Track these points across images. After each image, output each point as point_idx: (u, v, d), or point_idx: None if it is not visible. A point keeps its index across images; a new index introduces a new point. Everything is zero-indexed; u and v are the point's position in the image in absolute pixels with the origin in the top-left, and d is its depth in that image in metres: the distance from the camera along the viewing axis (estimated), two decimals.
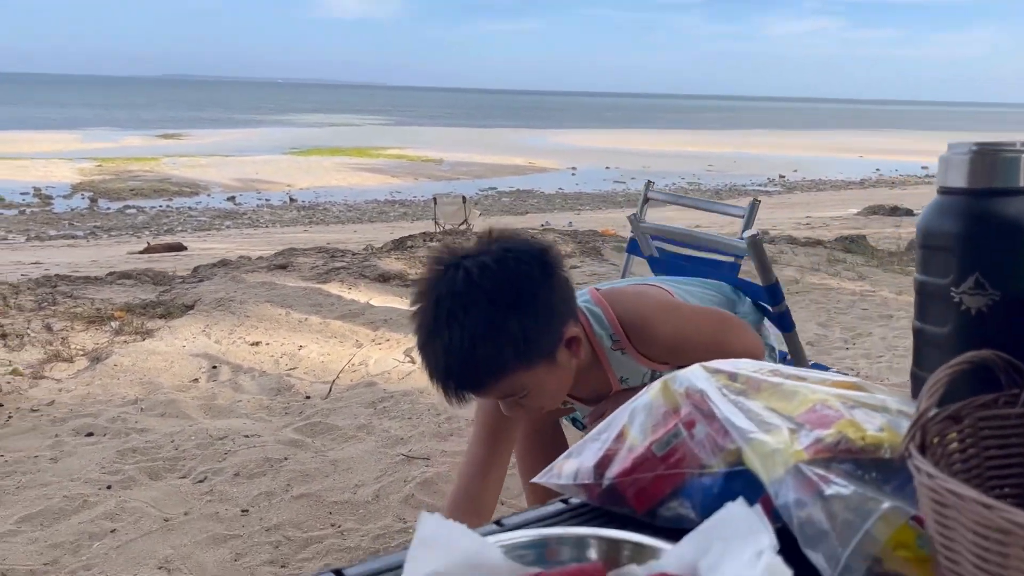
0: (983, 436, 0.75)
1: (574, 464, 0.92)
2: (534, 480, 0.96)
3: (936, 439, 0.72)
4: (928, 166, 26.24)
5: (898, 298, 5.18)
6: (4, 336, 4.00)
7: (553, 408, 1.60)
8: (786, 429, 0.78)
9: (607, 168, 26.12)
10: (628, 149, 32.80)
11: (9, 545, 2.29)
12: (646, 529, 0.84)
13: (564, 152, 31.22)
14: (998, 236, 0.87)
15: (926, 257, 0.92)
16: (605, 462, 0.89)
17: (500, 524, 0.88)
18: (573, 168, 26.18)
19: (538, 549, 0.70)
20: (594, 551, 0.71)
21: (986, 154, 0.88)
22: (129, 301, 4.74)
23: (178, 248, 10.16)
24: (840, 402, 0.83)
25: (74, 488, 2.60)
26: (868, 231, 8.66)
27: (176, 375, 3.66)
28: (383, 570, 0.81)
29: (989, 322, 0.87)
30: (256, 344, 4.08)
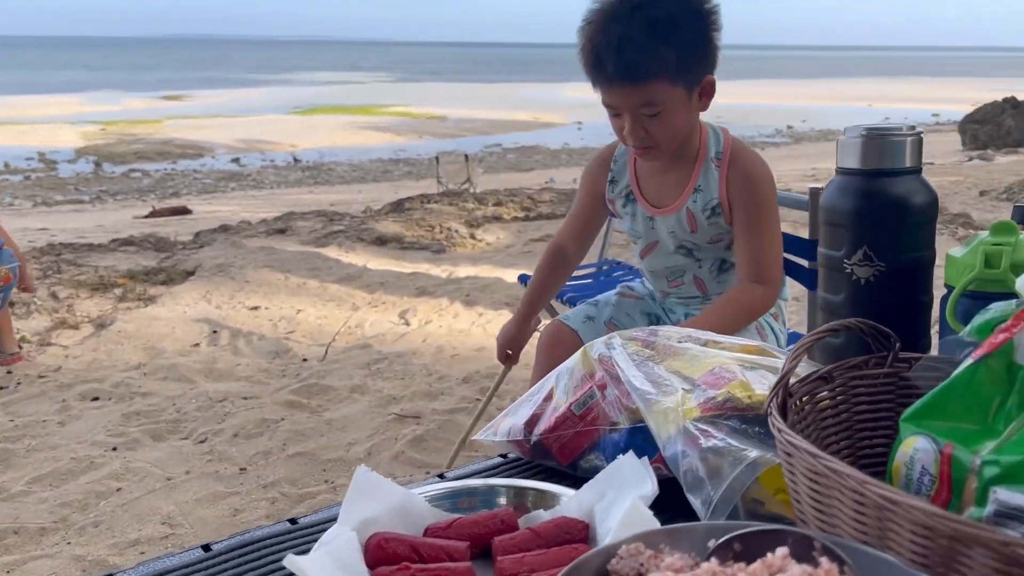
0: (854, 394, 0.85)
1: (509, 422, 1.03)
2: (474, 438, 1.07)
3: (806, 397, 0.81)
4: (939, 113, 25.95)
5: None
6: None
7: (663, 155, 1.66)
8: (682, 390, 0.88)
9: None
10: None
11: (21, 504, 2.43)
12: (568, 479, 0.94)
13: (570, 106, 30.99)
14: (884, 213, 0.96)
15: (825, 232, 1.01)
16: (534, 421, 0.99)
17: (442, 476, 0.99)
18: (579, 123, 26.01)
19: (453, 499, 0.81)
20: (504, 499, 0.82)
21: (875, 138, 0.96)
22: (132, 268, 4.86)
23: (183, 212, 10.23)
24: (739, 365, 0.93)
25: (81, 450, 2.74)
26: None
27: (178, 340, 3.79)
28: (331, 519, 0.92)
29: (876, 290, 0.97)
30: (255, 308, 4.20)
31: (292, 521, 0.91)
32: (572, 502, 0.80)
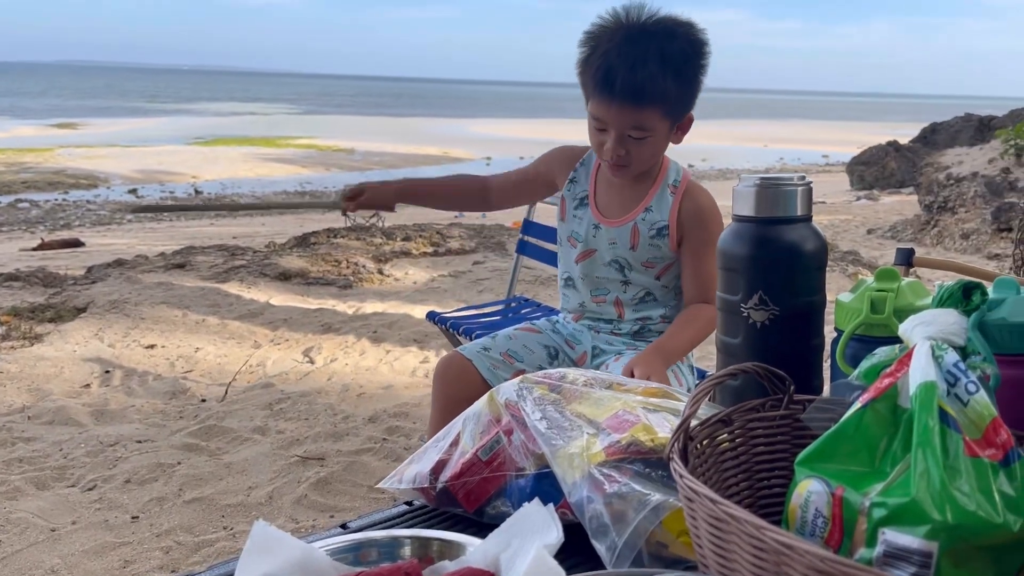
0: (752, 436, 0.87)
1: (414, 469, 1.01)
2: (379, 485, 1.05)
3: (706, 440, 0.83)
4: (828, 154, 27.33)
5: None
6: None
7: (630, 175, 1.77)
8: (587, 434, 0.88)
9: (521, 158, 26.24)
10: (542, 139, 33.08)
11: None
12: (475, 527, 0.93)
13: (479, 142, 31.26)
14: (777, 259, 1.00)
15: (723, 277, 1.05)
16: (440, 467, 0.98)
17: (344, 527, 0.97)
18: (488, 158, 26.24)
19: (355, 552, 0.79)
20: (408, 549, 0.80)
21: (768, 187, 1.00)
22: (16, 305, 4.60)
23: (75, 244, 9.79)
24: (642, 408, 0.94)
25: None
26: None
27: (66, 381, 3.60)
28: (228, 574, 0.88)
29: (771, 333, 1.00)
30: (151, 347, 4.04)
31: None
32: (477, 552, 0.79)
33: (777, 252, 0.99)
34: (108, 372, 3.71)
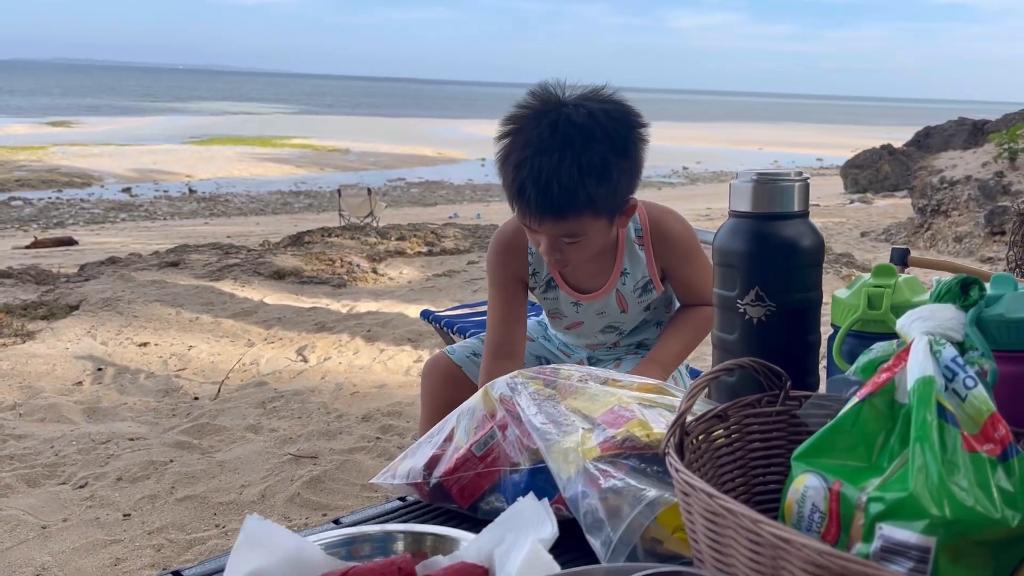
0: (748, 432, 0.87)
1: (408, 464, 1.00)
2: (372, 481, 1.04)
3: (702, 436, 0.83)
4: (823, 158, 27.40)
5: None
6: None
7: (580, 267, 1.60)
8: (582, 429, 0.88)
9: None
10: None
11: None
12: (469, 522, 0.93)
13: (474, 143, 31.25)
14: (774, 254, 0.99)
15: (719, 273, 1.04)
16: (433, 462, 0.97)
17: (337, 522, 0.96)
18: (483, 159, 26.22)
19: (348, 546, 0.78)
20: (402, 544, 0.80)
21: (766, 183, 1.00)
22: (9, 302, 4.58)
23: (68, 243, 9.77)
24: (637, 404, 0.94)
25: None
26: None
27: (58, 378, 3.58)
28: (220, 569, 0.87)
29: (767, 329, 1.00)
30: (144, 345, 4.02)
31: (176, 573, 0.86)
32: (471, 547, 0.78)
33: (774, 248, 0.98)
34: (100, 370, 3.69)
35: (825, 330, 1.00)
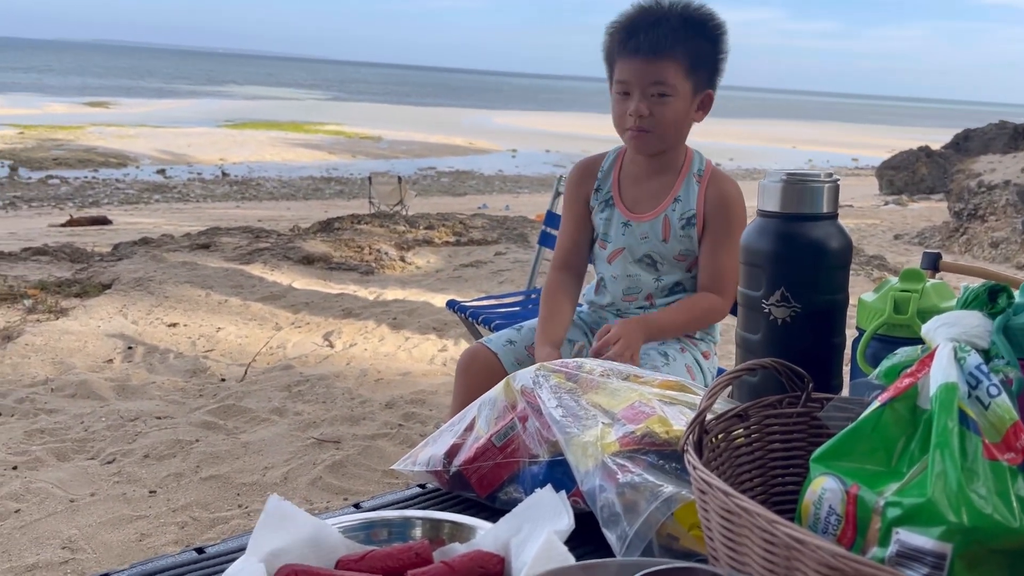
0: (768, 432, 0.87)
1: (428, 452, 1.01)
2: (393, 467, 1.06)
3: (721, 435, 0.83)
4: (858, 158, 27.05)
5: None
6: None
7: (654, 145, 1.77)
8: (601, 424, 0.88)
9: (547, 151, 26.23)
10: (569, 133, 32.99)
11: None
12: (487, 512, 0.94)
13: (505, 133, 31.23)
14: (801, 255, 0.99)
15: (745, 272, 1.04)
16: (454, 451, 0.98)
17: (357, 507, 0.97)
18: (514, 150, 26.21)
19: (367, 530, 0.79)
20: (419, 531, 0.81)
21: (795, 183, 0.99)
22: (44, 279, 4.67)
23: (102, 222, 9.91)
24: (658, 400, 0.94)
25: None
26: None
27: (90, 355, 3.65)
28: (242, 548, 0.88)
29: (792, 331, 0.99)
30: (174, 325, 4.08)
31: (199, 550, 0.87)
32: (488, 536, 0.79)
33: (801, 249, 0.98)
34: (131, 348, 3.75)
35: (851, 333, 1.00)
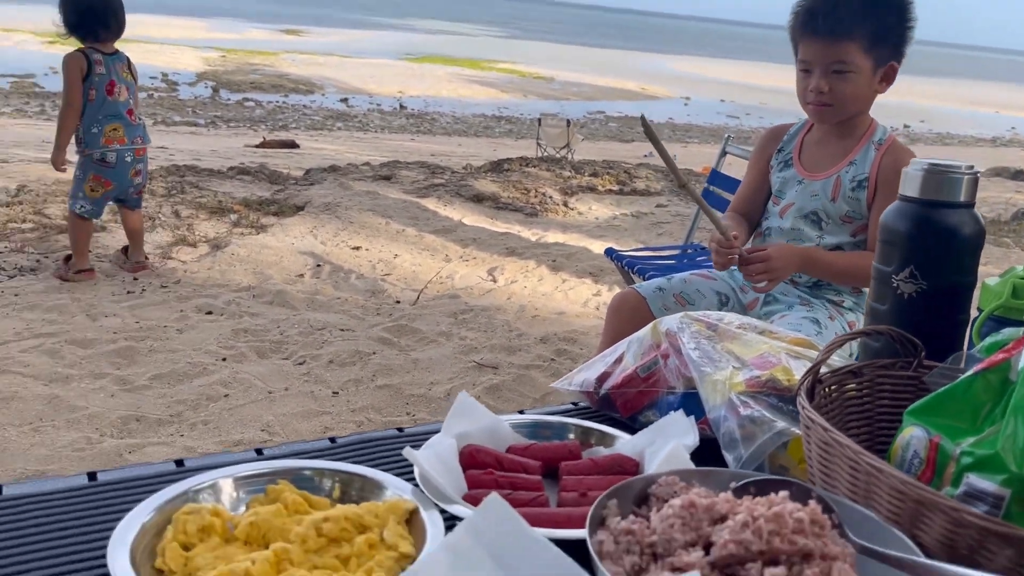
0: (878, 390, 1.00)
1: (583, 376, 1.21)
2: (552, 385, 1.26)
3: (834, 386, 0.97)
4: None
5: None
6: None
7: (835, 117, 1.88)
8: (732, 367, 1.04)
9: (721, 101, 25.43)
10: (747, 83, 31.76)
11: (142, 396, 2.76)
12: (628, 430, 1.12)
13: (678, 80, 30.48)
14: (934, 239, 1.09)
15: (880, 248, 1.15)
16: (604, 377, 1.17)
17: (522, 412, 1.19)
18: (686, 98, 25.56)
19: (532, 428, 1.00)
20: (573, 435, 1.01)
21: (935, 173, 1.09)
22: (247, 196, 5.20)
23: (291, 145, 10.63)
24: (786, 353, 1.09)
25: (195, 356, 3.06)
26: (981, 194, 8.42)
27: (285, 269, 4.10)
28: (435, 430, 1.12)
29: (916, 305, 1.10)
30: (357, 248, 4.48)
31: (399, 429, 1.12)
32: (627, 443, 0.98)
33: (934, 233, 1.08)
34: (319, 266, 4.17)
35: (975, 313, 1.10)
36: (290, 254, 4.29)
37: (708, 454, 0.98)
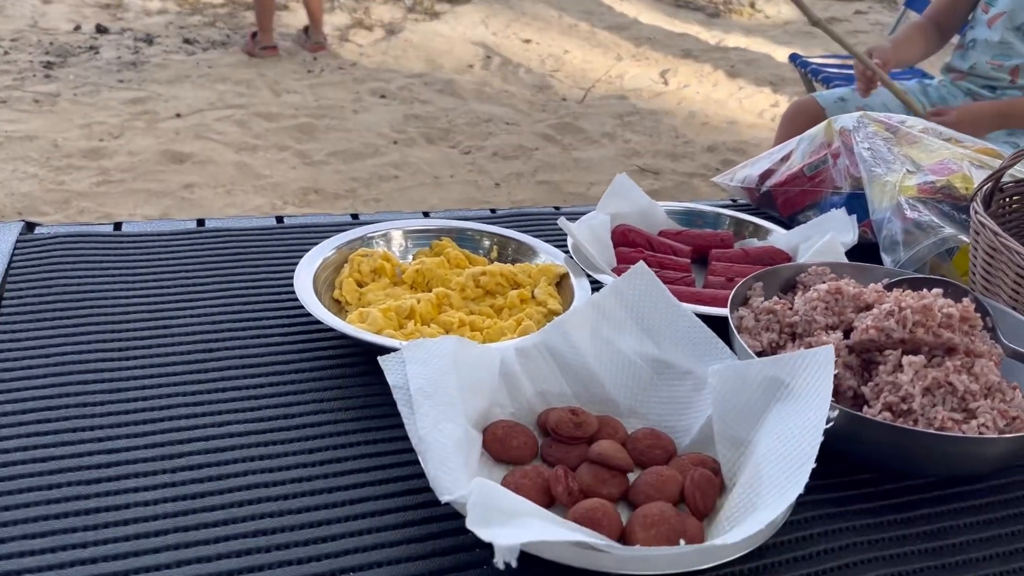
0: None
1: (745, 172, 1.19)
2: (713, 180, 1.25)
3: (1017, 196, 0.92)
4: None
5: None
6: None
7: None
8: (905, 171, 1.00)
9: None
10: None
11: (320, 171, 2.94)
12: (784, 227, 1.11)
13: None
14: None
15: None
16: (767, 174, 1.15)
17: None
18: None
19: (686, 215, 1.01)
20: (727, 225, 1.01)
21: None
22: None
23: None
24: (968, 161, 1.02)
25: (369, 137, 3.20)
26: None
27: (455, 58, 4.12)
28: (582, 212, 1.15)
29: None
30: (527, 41, 4.41)
31: (556, 207, 1.15)
32: (782, 237, 0.98)
33: None
34: (489, 58, 4.16)
35: None
36: (461, 43, 4.28)
37: (865, 259, 0.97)
